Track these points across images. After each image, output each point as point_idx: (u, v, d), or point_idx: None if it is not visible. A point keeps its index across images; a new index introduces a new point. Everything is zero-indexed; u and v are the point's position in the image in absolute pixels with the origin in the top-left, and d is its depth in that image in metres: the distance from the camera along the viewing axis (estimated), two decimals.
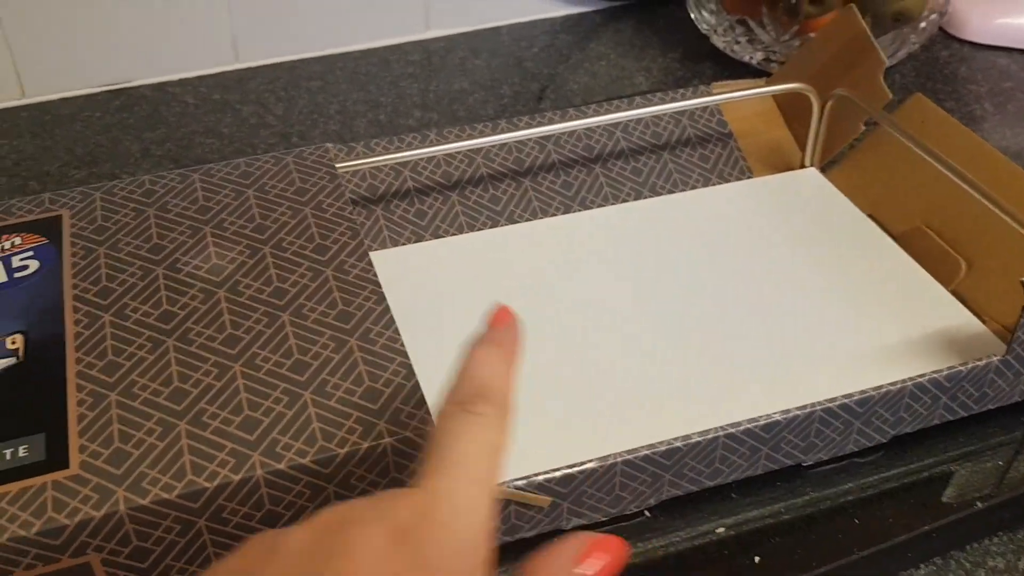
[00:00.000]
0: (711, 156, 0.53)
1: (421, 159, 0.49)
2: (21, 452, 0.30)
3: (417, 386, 0.32)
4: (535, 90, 0.66)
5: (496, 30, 0.73)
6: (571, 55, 0.70)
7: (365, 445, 0.30)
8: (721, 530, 0.36)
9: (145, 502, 0.29)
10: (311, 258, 0.37)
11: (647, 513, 0.37)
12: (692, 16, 0.68)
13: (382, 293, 0.36)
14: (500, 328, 0.30)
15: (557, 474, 0.34)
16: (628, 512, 0.36)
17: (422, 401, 0.32)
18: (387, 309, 0.35)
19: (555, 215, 0.49)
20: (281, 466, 0.30)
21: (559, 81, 0.67)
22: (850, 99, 0.49)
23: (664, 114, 0.52)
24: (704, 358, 0.40)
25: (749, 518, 0.37)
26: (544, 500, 0.34)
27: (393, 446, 0.31)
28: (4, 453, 0.30)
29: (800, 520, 0.37)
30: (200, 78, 0.67)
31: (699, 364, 0.40)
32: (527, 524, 0.35)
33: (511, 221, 0.49)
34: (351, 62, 0.69)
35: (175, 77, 0.67)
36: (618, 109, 0.51)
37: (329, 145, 0.43)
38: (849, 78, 0.50)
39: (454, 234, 0.48)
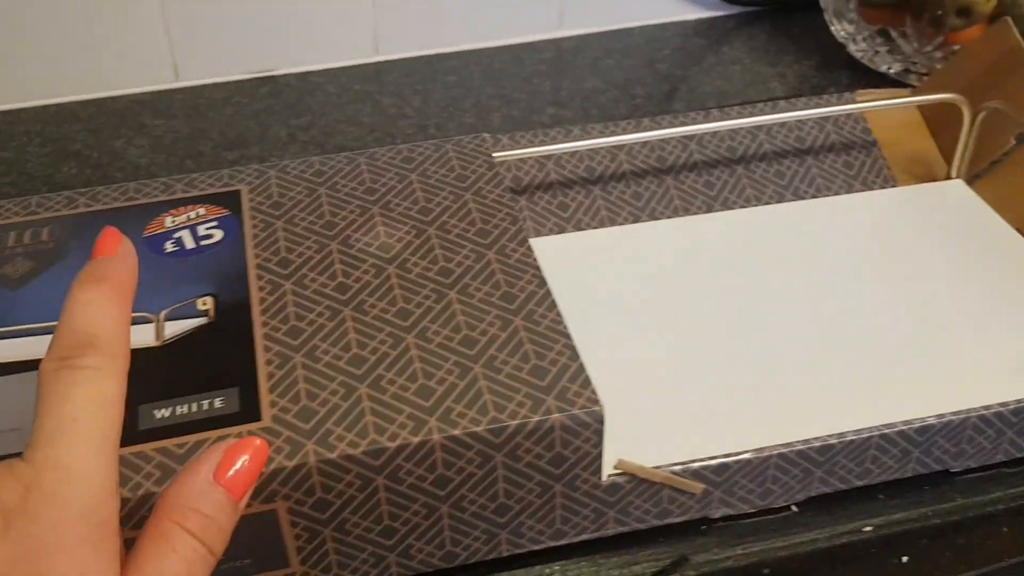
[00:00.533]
0: (855, 163, 0.52)
1: (564, 153, 0.51)
2: (217, 403, 0.32)
3: (582, 367, 0.33)
4: (668, 91, 0.67)
5: (628, 31, 0.74)
6: (704, 58, 0.70)
7: (535, 419, 0.32)
8: (868, 529, 0.36)
9: (332, 456, 0.30)
10: (474, 241, 0.39)
11: (794, 508, 0.37)
12: (830, 24, 0.68)
13: (543, 277, 0.37)
14: (104, 259, 0.27)
15: (713, 462, 0.35)
16: (775, 506, 0.37)
17: (588, 381, 0.33)
18: (549, 293, 0.36)
19: (697, 213, 0.50)
20: (456, 432, 0.31)
21: (692, 83, 0.67)
22: (1003, 112, 0.49)
23: (808, 119, 0.53)
24: (852, 359, 0.40)
25: (895, 520, 0.37)
26: (697, 487, 0.35)
27: (561, 422, 0.32)
28: (202, 403, 0.32)
29: (948, 525, 0.37)
30: (341, 69, 0.70)
31: (848, 364, 0.40)
32: (677, 510, 0.36)
33: (652, 217, 0.50)
34: (485, 58, 0.71)
35: (318, 67, 0.70)
36: (762, 112, 0.51)
37: (486, 135, 0.45)
38: (1001, 91, 0.50)
39: (596, 227, 0.49)
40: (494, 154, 0.44)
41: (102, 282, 0.27)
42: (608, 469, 0.34)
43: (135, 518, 0.30)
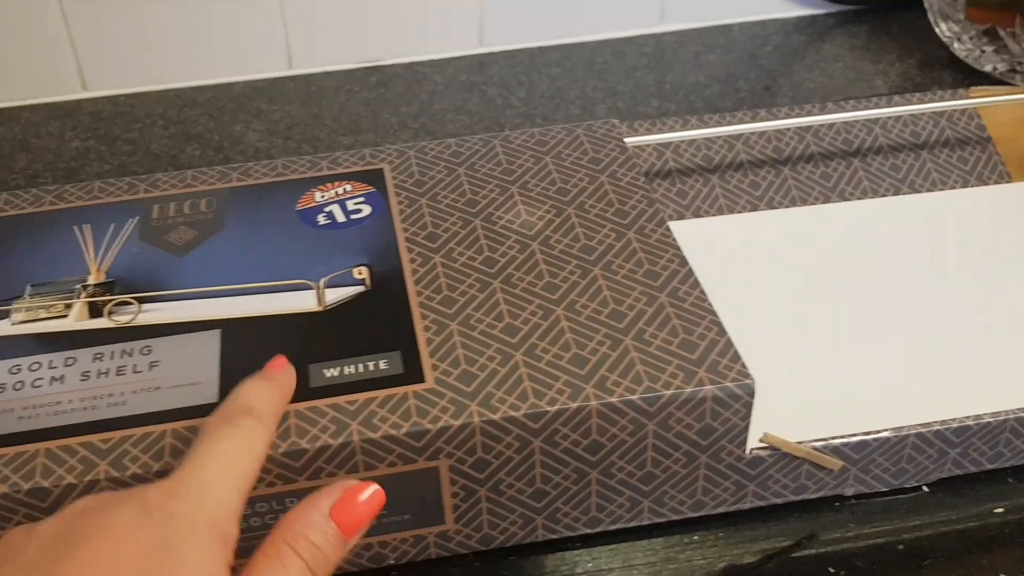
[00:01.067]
0: (970, 159, 0.53)
1: (683, 143, 0.52)
2: (382, 365, 0.34)
3: (731, 342, 0.34)
4: (771, 86, 0.67)
5: (728, 27, 0.74)
6: (806, 55, 0.71)
7: (688, 389, 0.33)
8: (999, 510, 0.37)
9: (495, 417, 0.32)
10: (613, 220, 0.40)
11: (925, 488, 0.38)
12: (934, 24, 0.68)
13: (684, 256, 0.38)
14: (273, 370, 0.32)
15: (853, 439, 0.35)
16: (908, 485, 0.38)
17: (737, 356, 0.34)
18: (691, 271, 0.37)
19: (814, 204, 0.50)
20: (612, 399, 0.32)
21: (795, 79, 0.68)
22: None
23: (923, 114, 0.53)
24: (984, 344, 0.41)
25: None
26: (836, 463, 0.36)
27: (714, 394, 0.33)
28: (368, 364, 0.34)
29: None
30: (446, 60, 0.72)
31: (980, 349, 0.40)
32: (813, 486, 0.37)
33: (770, 207, 0.50)
34: (587, 51, 0.72)
35: (424, 58, 0.72)
36: (876, 106, 0.52)
37: (615, 121, 0.46)
38: None
39: (714, 215, 0.50)
40: (625, 140, 0.45)
41: (270, 380, 0.32)
42: (752, 442, 0.35)
43: (310, 469, 0.32)
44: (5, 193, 0.43)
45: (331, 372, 0.33)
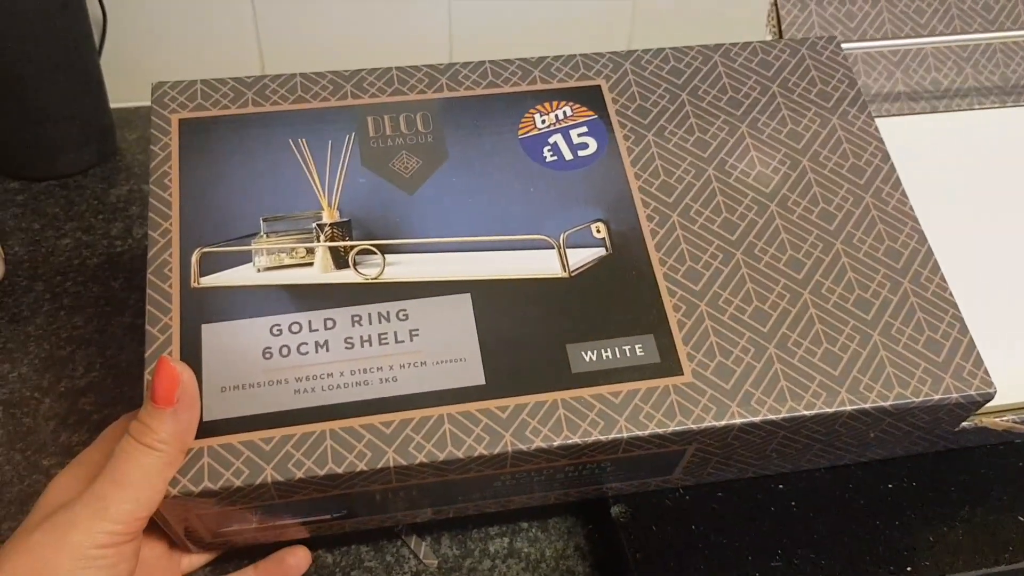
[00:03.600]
0: None
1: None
2: (638, 351, 0.34)
3: (972, 343, 0.35)
4: None
5: None
6: None
7: (936, 398, 0.34)
8: None
9: (756, 420, 0.33)
10: (849, 179, 0.39)
11: None
12: None
13: (922, 231, 0.38)
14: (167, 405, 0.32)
15: None
16: None
17: (980, 361, 0.35)
18: (931, 251, 0.37)
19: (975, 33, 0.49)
20: (866, 406, 0.34)
21: None
22: None
23: None
24: None
25: None
26: None
27: (956, 401, 0.34)
28: (624, 349, 0.34)
29: None
30: None
31: None
32: (995, 437, 0.39)
33: (932, 34, 0.49)
34: None
35: None
36: None
37: (837, 36, 0.43)
38: None
39: (882, 39, 0.48)
40: (844, 45, 0.42)
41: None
42: (964, 423, 0.37)
43: (575, 454, 0.33)
44: (200, 84, 0.40)
45: (590, 356, 0.34)
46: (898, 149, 0.45)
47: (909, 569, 0.36)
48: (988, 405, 0.37)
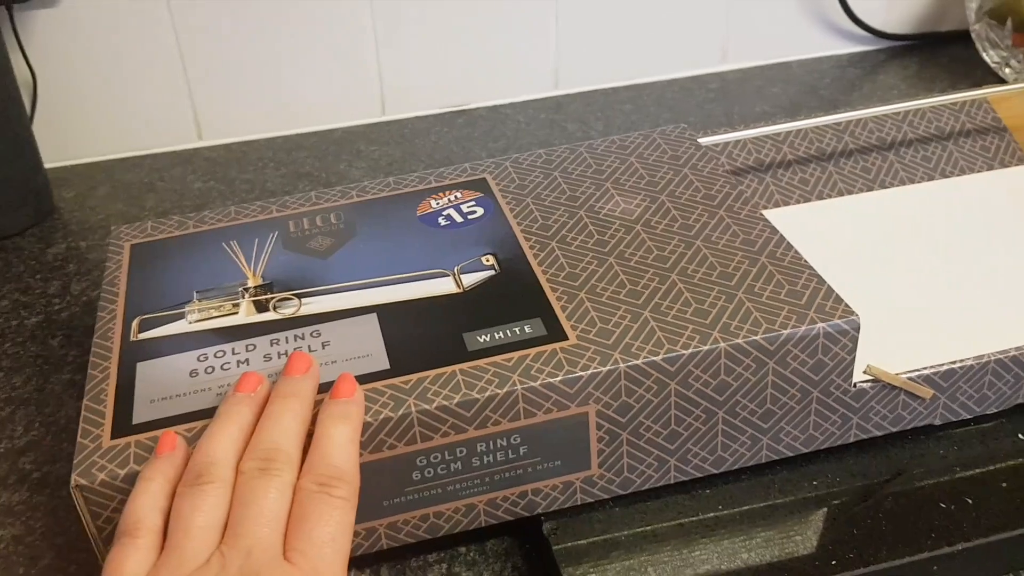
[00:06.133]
0: (991, 147, 0.59)
1: (735, 148, 0.57)
2: (527, 329, 0.38)
3: (831, 289, 0.39)
4: (833, 113, 0.73)
5: (786, 64, 0.81)
6: (863, 85, 0.77)
7: (802, 328, 0.37)
8: None
9: (638, 362, 0.36)
10: (703, 203, 0.45)
11: (1021, 436, 0.42)
12: (981, 52, 0.74)
13: (774, 226, 0.43)
14: (349, 396, 0.35)
15: (942, 368, 0.40)
16: (990, 412, 0.42)
17: (840, 299, 0.39)
18: (783, 237, 0.42)
19: (858, 193, 0.56)
20: (739, 340, 0.37)
21: (856, 107, 0.73)
22: None
23: (944, 111, 0.59)
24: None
25: None
26: (927, 391, 0.40)
27: (824, 330, 0.37)
28: (515, 330, 0.38)
29: None
30: (526, 102, 0.77)
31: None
32: (908, 416, 0.41)
33: (819, 199, 0.56)
34: (657, 90, 0.78)
35: (505, 101, 0.78)
36: (900, 101, 0.58)
37: (685, 124, 0.52)
38: None
39: (770, 208, 0.55)
40: (700, 139, 0.51)
41: (350, 422, 0.34)
42: (857, 376, 0.39)
43: (479, 419, 0.36)
44: (151, 220, 0.47)
45: (484, 338, 0.38)
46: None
47: (834, 563, 0.37)
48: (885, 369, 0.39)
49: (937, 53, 0.81)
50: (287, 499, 0.32)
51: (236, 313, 0.41)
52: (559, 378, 0.36)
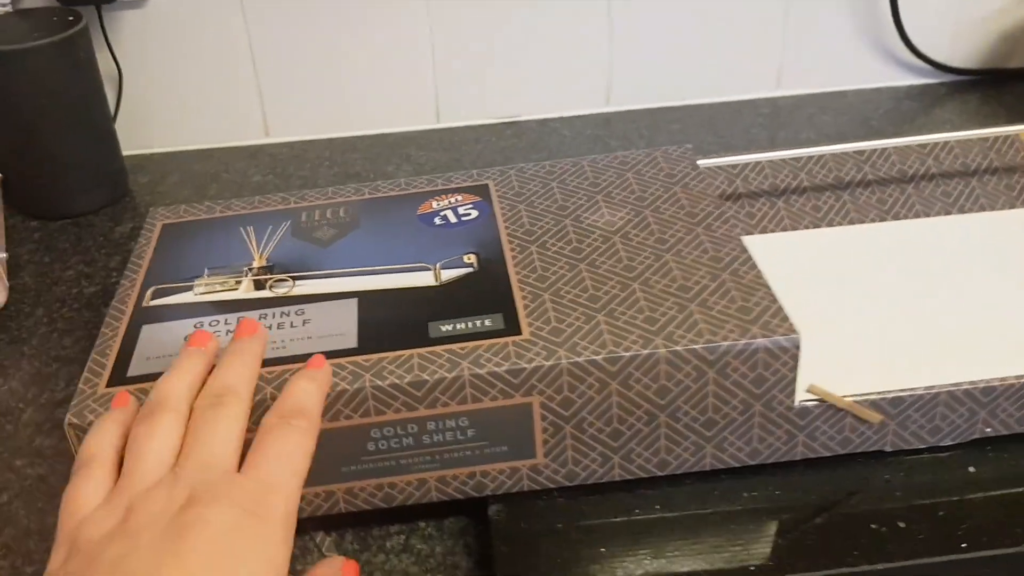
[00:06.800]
0: (1016, 185, 0.58)
1: (750, 172, 0.59)
2: (487, 323, 0.41)
3: (781, 308, 0.41)
4: None
5: (842, 93, 0.81)
6: (915, 118, 0.76)
7: (742, 341, 0.39)
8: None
9: (579, 360, 0.39)
10: (684, 220, 0.47)
11: (971, 469, 0.42)
12: None
13: (744, 246, 0.45)
14: (315, 368, 0.38)
15: (889, 394, 0.41)
16: (945, 444, 0.42)
17: (786, 317, 0.40)
18: (750, 257, 0.44)
19: (869, 223, 0.56)
20: (678, 348, 0.39)
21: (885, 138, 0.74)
22: None
23: (972, 145, 0.59)
24: (997, 323, 0.46)
25: None
26: (875, 416, 0.41)
27: (764, 346, 0.39)
28: (475, 322, 0.41)
29: None
30: (575, 117, 0.81)
31: (997, 326, 0.46)
32: (857, 439, 0.42)
33: (829, 225, 0.57)
34: (706, 111, 0.80)
35: (555, 115, 0.81)
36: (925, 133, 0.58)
37: (689, 145, 0.54)
38: None
39: (780, 231, 0.56)
40: (698, 161, 0.53)
41: (314, 380, 0.38)
42: (800, 395, 0.41)
43: (428, 398, 0.39)
44: (184, 204, 0.53)
45: (446, 327, 0.41)
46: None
47: (752, 568, 0.38)
48: (830, 391, 0.41)
49: (1001, 90, 0.80)
50: (240, 427, 0.35)
51: (237, 289, 0.45)
52: (504, 368, 0.39)
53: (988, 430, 0.42)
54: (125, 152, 0.74)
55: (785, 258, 0.53)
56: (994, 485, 0.41)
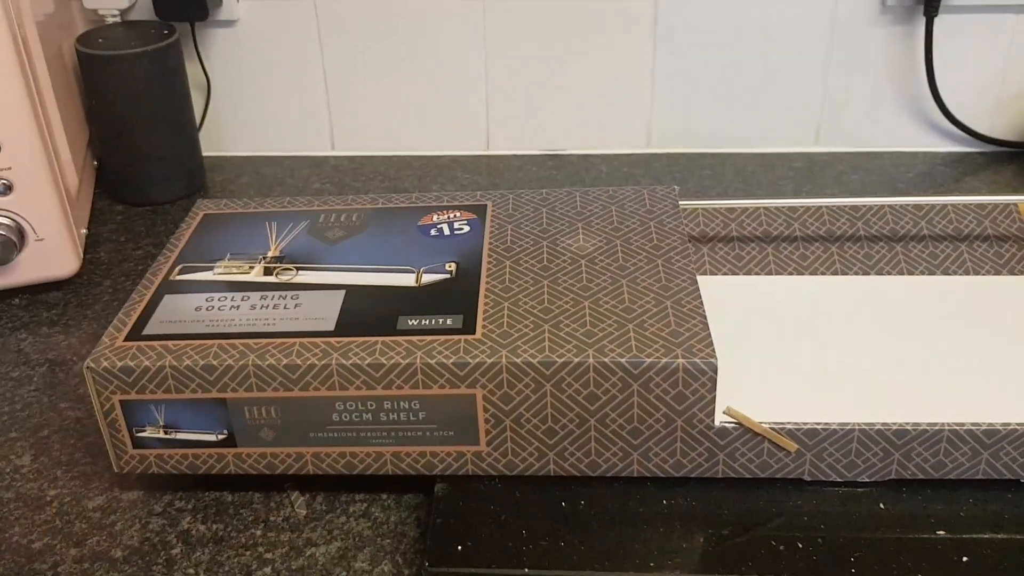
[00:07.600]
0: (1005, 253, 0.60)
1: (745, 217, 0.62)
2: (448, 322, 0.47)
3: (709, 335, 0.45)
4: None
5: (879, 154, 0.84)
6: (943, 184, 0.79)
7: (664, 360, 0.43)
8: (941, 533, 0.44)
9: (517, 360, 0.44)
10: (649, 251, 0.51)
11: (881, 506, 0.45)
12: None
13: (695, 279, 0.49)
14: None
15: (804, 426, 0.44)
16: (862, 480, 0.45)
17: (710, 343, 0.44)
18: (697, 289, 0.48)
19: (852, 275, 0.59)
20: (605, 359, 0.44)
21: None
22: None
23: (967, 212, 0.61)
24: (926, 374, 0.48)
25: (966, 516, 0.44)
26: (791, 444, 0.44)
27: (684, 366, 0.43)
28: (438, 320, 0.47)
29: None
30: (616, 155, 0.86)
31: (923, 377, 0.48)
32: (776, 465, 0.45)
33: (812, 274, 0.60)
34: (741, 161, 0.84)
35: (597, 152, 0.86)
36: (921, 195, 0.60)
37: (675, 187, 0.58)
38: None
39: (764, 275, 0.60)
40: (681, 202, 0.57)
41: None
42: (720, 416, 0.44)
43: (385, 380, 0.45)
44: (226, 199, 0.60)
45: (413, 322, 0.47)
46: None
47: (652, 564, 0.42)
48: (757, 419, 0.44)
49: None
50: None
51: (249, 273, 0.52)
52: (452, 360, 0.44)
53: (906, 473, 0.45)
54: (206, 152, 0.83)
55: (741, 298, 0.56)
56: (896, 523, 0.44)
